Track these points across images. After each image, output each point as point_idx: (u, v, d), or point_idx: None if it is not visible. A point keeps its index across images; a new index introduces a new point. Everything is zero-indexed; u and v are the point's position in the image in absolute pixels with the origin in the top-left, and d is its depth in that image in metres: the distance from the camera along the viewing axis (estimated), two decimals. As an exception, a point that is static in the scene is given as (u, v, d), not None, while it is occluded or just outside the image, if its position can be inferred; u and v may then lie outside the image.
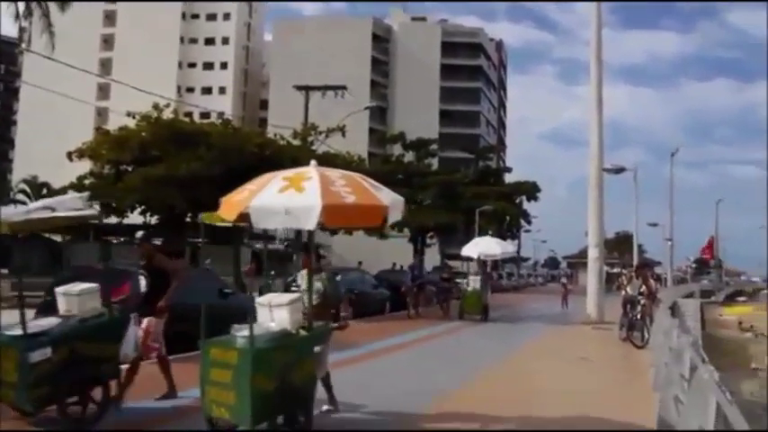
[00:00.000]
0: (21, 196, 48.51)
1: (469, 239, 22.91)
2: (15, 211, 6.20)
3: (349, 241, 38.81)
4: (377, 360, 10.65)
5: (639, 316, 13.81)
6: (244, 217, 5.18)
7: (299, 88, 27.61)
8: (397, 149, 47.65)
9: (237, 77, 76.33)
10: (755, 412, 12.46)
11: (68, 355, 5.52)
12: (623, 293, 15.07)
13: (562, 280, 33.26)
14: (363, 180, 5.55)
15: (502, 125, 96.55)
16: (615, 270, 40.59)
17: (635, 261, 32.05)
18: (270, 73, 75.67)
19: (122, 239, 29.61)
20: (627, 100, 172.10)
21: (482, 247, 20.11)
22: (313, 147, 25.25)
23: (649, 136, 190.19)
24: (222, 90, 73.81)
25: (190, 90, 72.13)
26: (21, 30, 26.67)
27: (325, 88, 29.22)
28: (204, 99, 63.92)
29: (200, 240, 23.12)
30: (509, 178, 56.28)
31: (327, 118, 27.43)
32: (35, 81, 33.86)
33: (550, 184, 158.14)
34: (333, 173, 5.51)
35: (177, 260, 7.61)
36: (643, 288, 14.36)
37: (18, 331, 5.50)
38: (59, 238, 35.28)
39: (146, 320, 6.48)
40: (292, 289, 7.35)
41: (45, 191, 45.62)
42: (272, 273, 20.49)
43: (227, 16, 75.56)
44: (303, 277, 6.27)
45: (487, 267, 23.19)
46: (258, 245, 28.04)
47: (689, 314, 25.06)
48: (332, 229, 29.65)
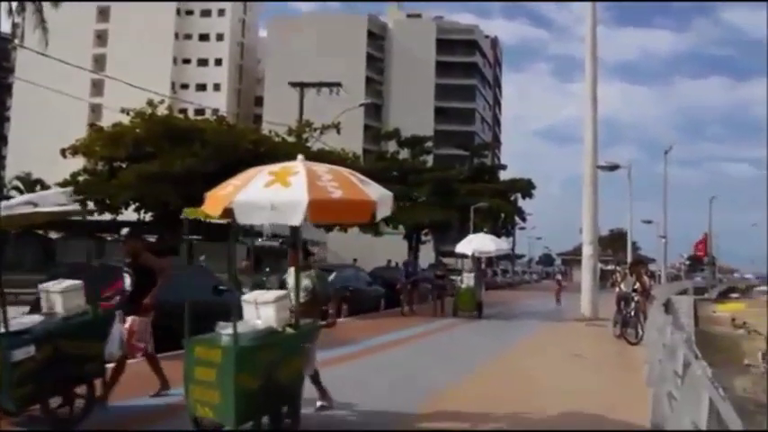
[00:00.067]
0: (14, 193, 48.17)
1: (464, 237, 22.86)
2: (-3, 207, 6.08)
3: (344, 238, 38.78)
4: (371, 357, 10.59)
5: (633, 313, 13.83)
6: (228, 212, 5.05)
7: (294, 85, 27.54)
8: (392, 146, 47.55)
9: (232, 74, 76.06)
10: (748, 408, 12.48)
11: (52, 354, 5.42)
12: (617, 290, 15.07)
13: (557, 277, 33.28)
14: (351, 175, 5.45)
15: (497, 122, 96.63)
16: (609, 267, 40.62)
17: (629, 258, 32.09)
18: (265, 70, 75.49)
19: (116, 236, 29.47)
20: (621, 97, 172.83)
21: (476, 244, 20.07)
22: (308, 144, 25.18)
23: (643, 133, 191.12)
24: (217, 87, 73.55)
25: (184, 86, 71.92)
26: (14, 26, 26.50)
27: (320, 85, 29.17)
28: (199, 96, 63.78)
29: (192, 237, 22.98)
30: (504, 175, 56.24)
31: (322, 115, 27.36)
32: (28, 77, 33.64)
33: (545, 182, 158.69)
34: (319, 167, 5.39)
35: (164, 258, 7.49)
36: (637, 285, 14.37)
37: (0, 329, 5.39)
38: (54, 235, 35.14)
39: (129, 319, 6.36)
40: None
41: (39, 188, 45.35)
42: (267, 270, 20.39)
43: (221, 12, 75.29)
44: (291, 274, 6.18)
45: (482, 264, 23.12)
46: (256, 241, 27.91)
47: (682, 311, 25.05)
48: (326, 226, 29.64)
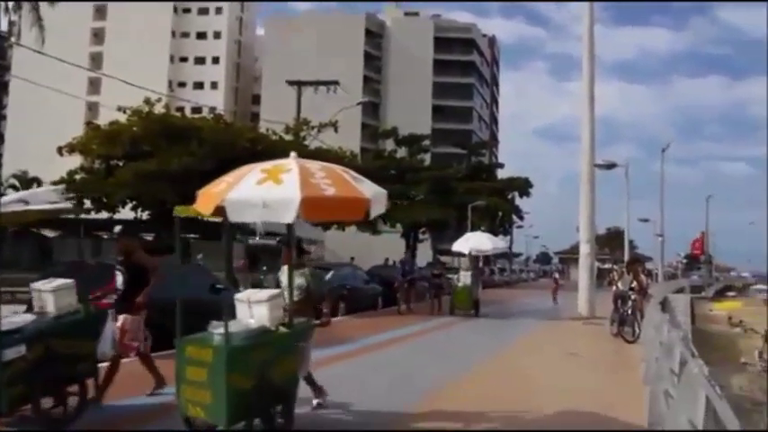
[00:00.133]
0: (10, 191, 48.05)
1: (461, 235, 22.81)
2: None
3: (341, 236, 38.69)
4: (368, 355, 10.54)
5: (630, 311, 13.84)
6: (220, 210, 5.00)
7: (292, 83, 27.47)
8: (390, 145, 47.48)
9: (229, 72, 75.92)
10: (744, 407, 12.49)
11: (43, 353, 5.36)
12: (614, 289, 15.08)
13: (554, 275, 33.28)
14: (344, 172, 5.40)
15: (494, 121, 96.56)
16: (606, 266, 40.57)
17: (626, 257, 32.10)
18: (262, 68, 75.32)
19: (111, 234, 29.38)
20: (619, 96, 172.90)
21: (473, 243, 20.02)
22: (305, 142, 25.09)
23: (641, 132, 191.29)
24: (214, 85, 73.42)
25: (181, 85, 71.74)
26: (10, 23, 26.40)
27: (317, 83, 29.10)
28: (196, 94, 63.70)
29: (188, 236, 22.94)
30: (501, 174, 56.25)
31: (320, 113, 27.26)
32: (25, 75, 33.47)
33: (542, 180, 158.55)
34: (313, 165, 5.34)
35: (156, 256, 7.44)
36: (634, 283, 14.37)
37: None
38: (51, 234, 35.02)
39: (121, 318, 6.31)
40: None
41: (35, 186, 45.23)
42: (264, 268, 20.35)
43: (218, 10, 75.09)
44: (285, 273, 6.13)
45: (479, 263, 23.07)
46: (251, 240, 27.89)
47: (679, 309, 25.14)
48: (324, 224, 29.57)
